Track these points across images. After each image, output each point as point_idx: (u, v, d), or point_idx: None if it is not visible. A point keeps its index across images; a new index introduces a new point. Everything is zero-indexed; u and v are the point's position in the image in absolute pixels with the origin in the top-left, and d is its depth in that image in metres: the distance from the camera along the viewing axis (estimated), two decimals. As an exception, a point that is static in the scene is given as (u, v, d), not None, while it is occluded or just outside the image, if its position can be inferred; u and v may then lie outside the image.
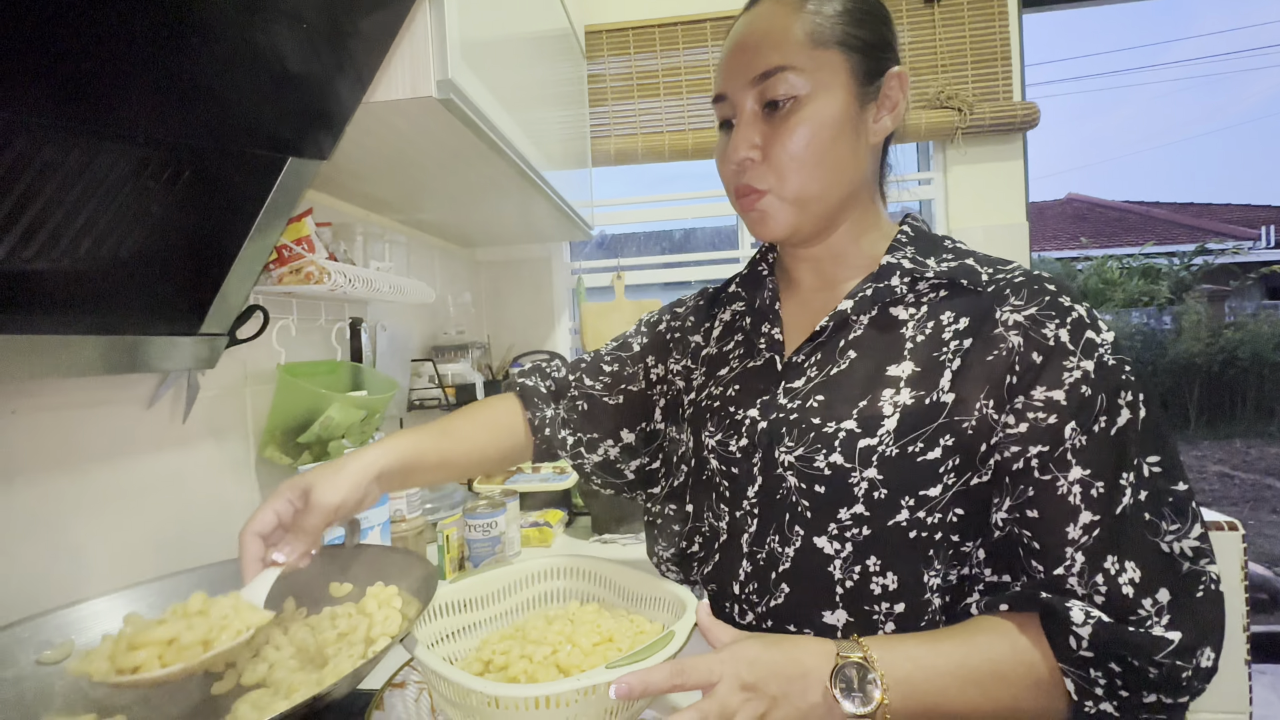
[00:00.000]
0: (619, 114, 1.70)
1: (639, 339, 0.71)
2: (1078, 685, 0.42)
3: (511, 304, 1.80)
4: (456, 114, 0.75)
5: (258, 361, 0.87)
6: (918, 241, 0.55)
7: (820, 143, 0.50)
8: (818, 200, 0.52)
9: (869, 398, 0.49)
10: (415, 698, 0.51)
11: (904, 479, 0.47)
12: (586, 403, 0.68)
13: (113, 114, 0.49)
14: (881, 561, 0.47)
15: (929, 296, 0.52)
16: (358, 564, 0.56)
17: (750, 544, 0.53)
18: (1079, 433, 0.44)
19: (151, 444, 0.70)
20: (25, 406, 0.57)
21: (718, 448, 0.56)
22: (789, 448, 0.51)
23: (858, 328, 0.53)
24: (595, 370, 0.70)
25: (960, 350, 0.48)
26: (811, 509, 0.49)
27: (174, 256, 0.62)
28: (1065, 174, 63.68)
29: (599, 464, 0.68)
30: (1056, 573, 0.43)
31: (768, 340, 0.58)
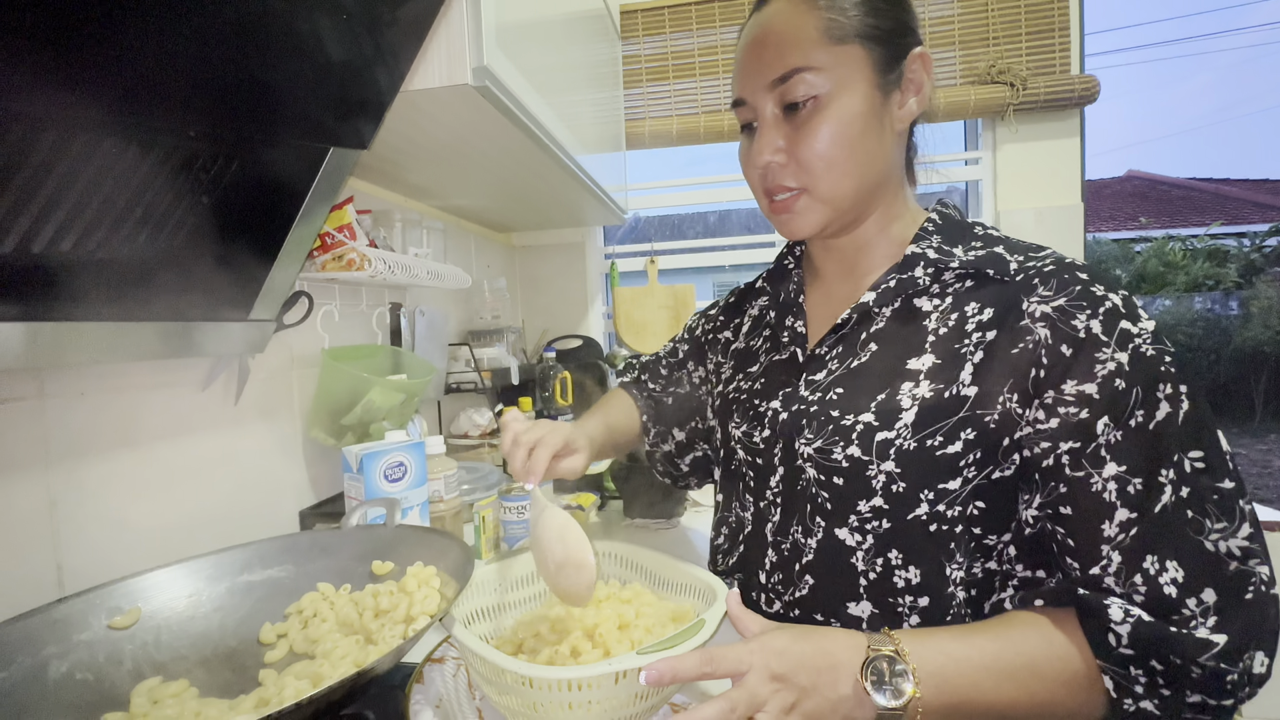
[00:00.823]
0: (653, 95, 1.67)
1: (683, 345, 0.76)
2: (1116, 683, 0.41)
3: (545, 289, 1.82)
4: (492, 101, 0.75)
5: (303, 345, 0.90)
6: (945, 229, 0.54)
7: (847, 139, 0.50)
8: (850, 196, 0.52)
9: (887, 391, 0.49)
10: (453, 673, 0.53)
11: (923, 472, 0.46)
12: (652, 400, 0.75)
13: (167, 109, 0.51)
14: (903, 555, 0.47)
15: (954, 287, 0.50)
16: (398, 544, 0.58)
17: (774, 534, 0.54)
18: (1113, 428, 0.42)
19: (207, 424, 0.74)
20: (93, 389, 0.61)
21: (743, 439, 0.57)
22: (808, 439, 0.51)
23: (880, 320, 0.53)
24: (655, 373, 0.77)
25: (983, 343, 0.47)
26: (831, 500, 0.50)
27: (225, 245, 0.64)
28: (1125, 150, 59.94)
29: (664, 455, 0.75)
30: (1093, 571, 0.42)
31: (790, 333, 0.58)
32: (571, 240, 1.80)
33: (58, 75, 0.42)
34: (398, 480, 0.83)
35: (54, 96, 0.44)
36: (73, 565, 0.58)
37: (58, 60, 0.41)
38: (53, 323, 0.52)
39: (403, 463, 0.84)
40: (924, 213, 0.56)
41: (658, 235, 2.01)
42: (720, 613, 0.48)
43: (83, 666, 0.45)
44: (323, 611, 0.52)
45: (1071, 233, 1.49)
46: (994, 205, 1.57)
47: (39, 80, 0.42)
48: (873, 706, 0.39)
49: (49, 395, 0.57)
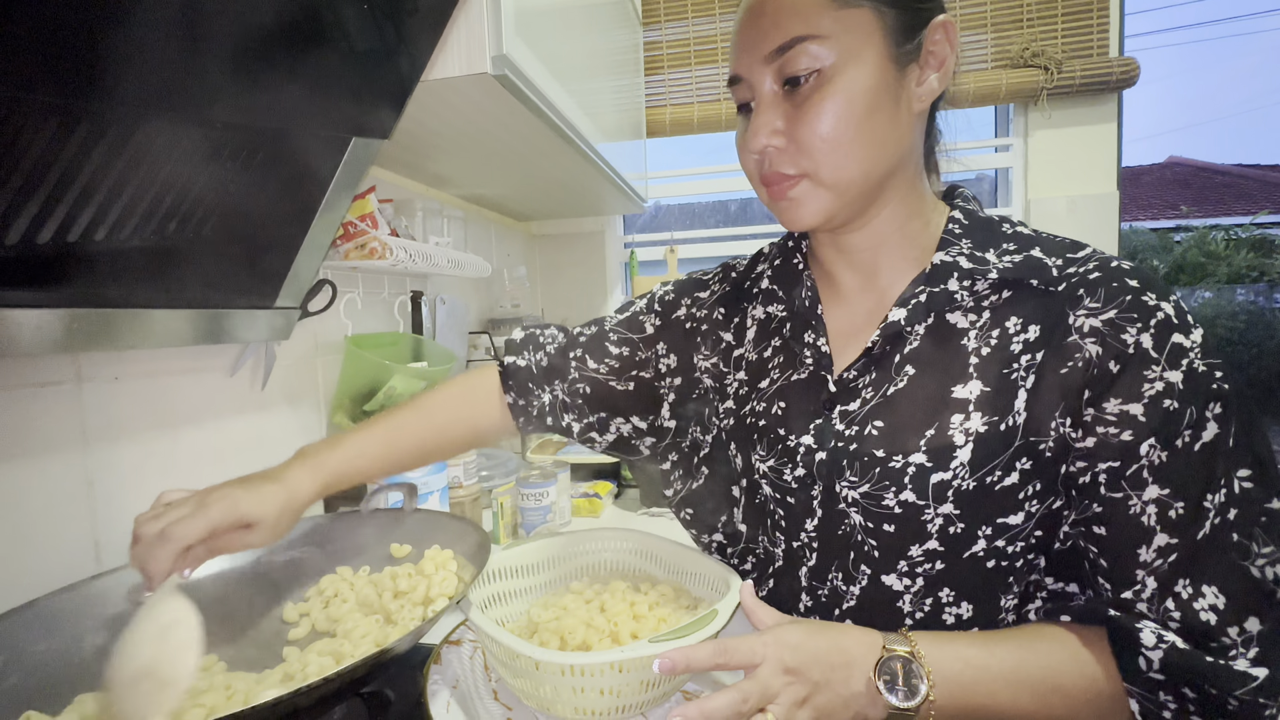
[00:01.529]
0: (675, 82, 1.66)
1: (650, 319, 0.63)
2: (1143, 706, 0.39)
3: (565, 278, 1.82)
4: (511, 90, 0.75)
5: (327, 333, 0.92)
6: (973, 231, 0.48)
7: (853, 119, 0.44)
8: (857, 182, 0.46)
9: (936, 425, 0.44)
10: (470, 655, 0.54)
11: (982, 509, 0.43)
12: (589, 386, 0.63)
13: (195, 100, 0.52)
14: (955, 593, 0.45)
15: (990, 299, 0.46)
16: (416, 528, 0.59)
17: (810, 578, 0.50)
18: (1158, 449, 0.39)
19: (234, 409, 0.76)
20: (126, 373, 0.63)
21: (770, 474, 0.52)
22: (851, 482, 0.46)
23: (913, 339, 0.47)
24: (599, 350, 0.63)
25: (1033, 365, 0.43)
26: (879, 548, 0.46)
27: (251, 234, 0.66)
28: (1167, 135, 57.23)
29: (614, 442, 0.64)
30: (1125, 595, 0.40)
31: (814, 354, 0.51)
32: (591, 229, 1.80)
33: (89, 68, 0.44)
34: (418, 466, 0.85)
35: (86, 89, 0.45)
36: (109, 542, 0.61)
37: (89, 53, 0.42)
38: (88, 309, 0.54)
39: (423, 449, 0.85)
40: (945, 209, 0.51)
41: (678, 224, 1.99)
42: (733, 603, 0.48)
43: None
44: (343, 592, 0.53)
45: (1105, 222, 1.45)
46: (1024, 194, 1.52)
47: (72, 73, 0.43)
48: (884, 706, 0.39)
49: (85, 379, 0.59)
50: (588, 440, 0.65)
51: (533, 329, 0.67)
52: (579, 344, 0.64)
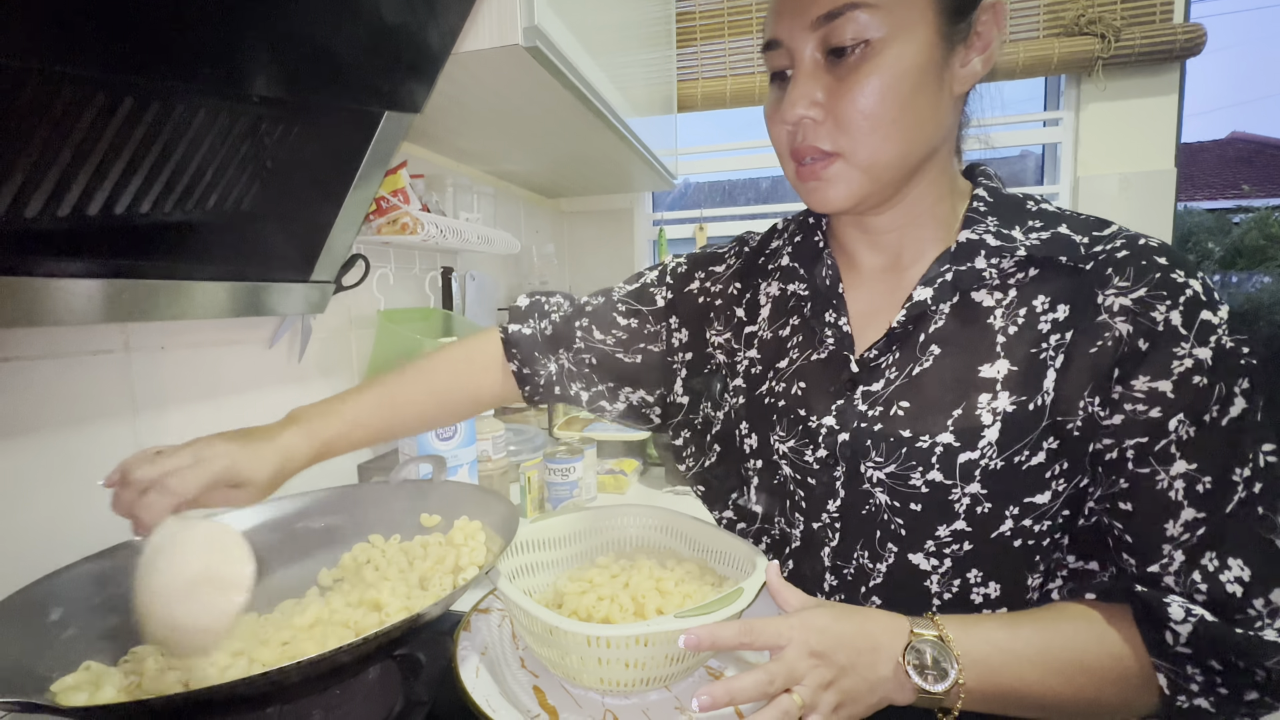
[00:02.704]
0: (708, 54, 1.62)
1: (662, 291, 0.62)
2: (1171, 681, 0.39)
3: (593, 255, 1.82)
4: (542, 62, 0.74)
5: (360, 307, 0.93)
6: (998, 208, 0.47)
7: (898, 97, 0.42)
8: (894, 166, 0.44)
9: (963, 405, 0.44)
10: (498, 623, 0.55)
11: (1009, 489, 0.43)
12: (595, 357, 0.61)
13: (232, 74, 0.53)
14: (983, 573, 0.45)
15: (1016, 277, 0.45)
16: (445, 499, 0.60)
17: (834, 558, 0.50)
18: (1187, 424, 0.39)
19: (273, 380, 0.78)
20: (171, 344, 0.65)
21: (791, 455, 0.51)
22: (877, 463, 0.46)
23: (938, 318, 0.47)
24: (606, 321, 0.61)
25: (1063, 345, 0.43)
26: (906, 527, 0.46)
27: (287, 208, 0.67)
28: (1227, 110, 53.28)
29: (624, 411, 0.63)
30: (1151, 569, 0.40)
31: (835, 333, 0.50)
32: (620, 206, 1.78)
33: (132, 42, 0.44)
34: (448, 439, 0.87)
35: (129, 63, 0.46)
36: (157, 505, 0.63)
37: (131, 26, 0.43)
38: (134, 280, 0.56)
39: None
40: (968, 188, 0.50)
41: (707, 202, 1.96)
42: (758, 583, 0.48)
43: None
44: (375, 559, 0.55)
45: (1160, 201, 1.37)
46: (1073, 171, 1.45)
47: (115, 46, 0.44)
48: (913, 690, 0.39)
49: (133, 349, 0.61)
50: (597, 409, 0.64)
51: (538, 296, 0.66)
52: (585, 313, 0.63)
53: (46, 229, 0.49)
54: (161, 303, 0.58)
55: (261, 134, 0.60)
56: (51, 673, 0.38)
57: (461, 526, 0.54)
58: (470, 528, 0.54)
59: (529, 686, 0.48)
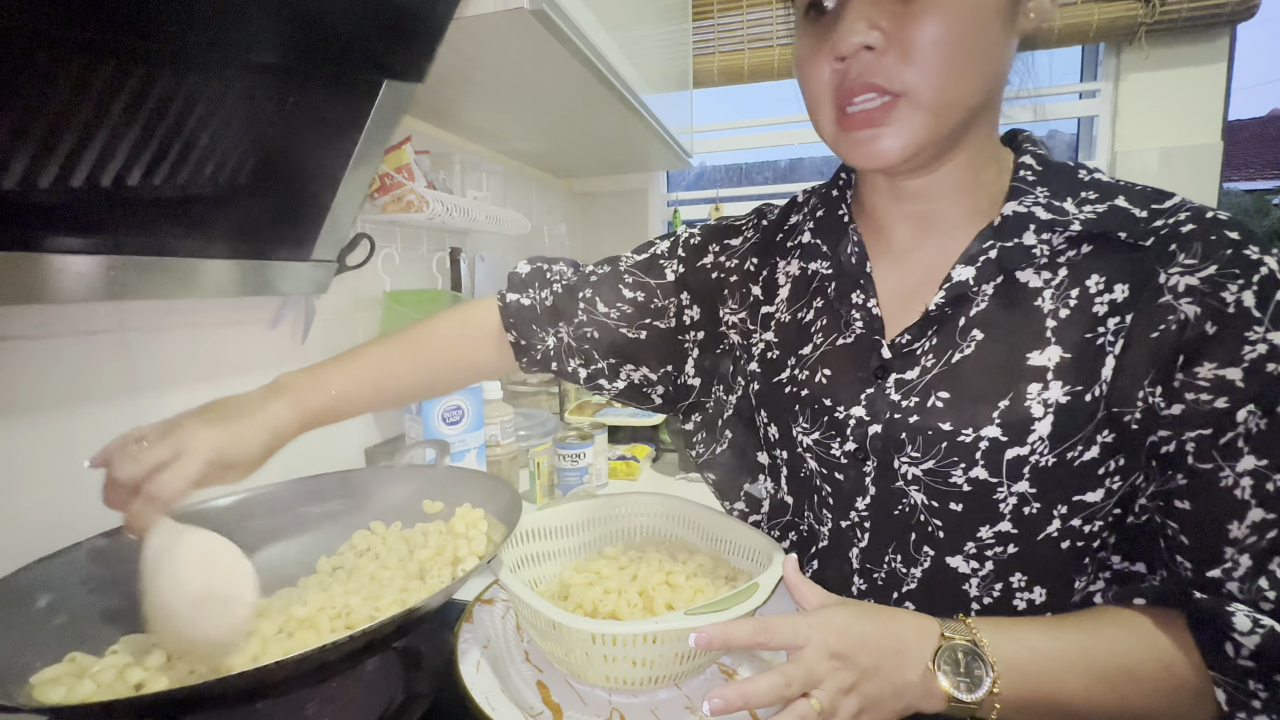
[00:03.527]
0: (725, 28, 1.56)
1: (673, 264, 0.57)
2: (1230, 695, 0.36)
3: (606, 236, 1.78)
4: (549, 28, 0.70)
5: (366, 288, 0.91)
6: (1048, 178, 0.42)
7: (974, 27, 0.36)
8: (960, 109, 0.39)
9: (1011, 396, 0.40)
10: (502, 615, 0.53)
11: (1058, 486, 0.40)
12: (597, 330, 0.57)
13: (222, 37, 0.50)
14: (1028, 577, 0.42)
15: (1068, 255, 0.41)
16: (448, 485, 0.58)
17: (863, 560, 0.47)
18: (1258, 416, 0.35)
19: (276, 362, 0.77)
20: (170, 324, 0.63)
21: (816, 448, 0.48)
22: (913, 458, 0.42)
23: (981, 300, 0.42)
24: (611, 293, 0.57)
25: (1122, 329, 0.38)
26: (945, 529, 0.43)
27: (284, 183, 0.64)
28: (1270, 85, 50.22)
29: (624, 389, 0.59)
30: (1211, 574, 0.36)
31: (863, 315, 0.46)
32: (634, 186, 1.74)
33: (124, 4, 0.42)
34: (455, 423, 0.85)
35: (128, 26, 0.43)
36: (158, 488, 0.62)
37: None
38: (129, 256, 0.54)
39: (460, 406, 0.85)
40: (1008, 153, 0.45)
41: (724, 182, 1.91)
42: (775, 577, 0.45)
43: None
44: (375, 547, 0.53)
45: (1205, 178, 1.30)
46: (1110, 146, 1.38)
47: (111, 9, 0.41)
48: (942, 698, 0.36)
49: (131, 329, 0.60)
50: (595, 386, 0.60)
51: (540, 264, 0.62)
52: (589, 283, 0.58)
53: (38, 202, 0.47)
54: (157, 280, 0.56)
55: (256, 104, 0.57)
56: (35, 664, 0.37)
57: (463, 515, 0.52)
58: (472, 516, 0.52)
59: (533, 682, 0.46)
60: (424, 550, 0.49)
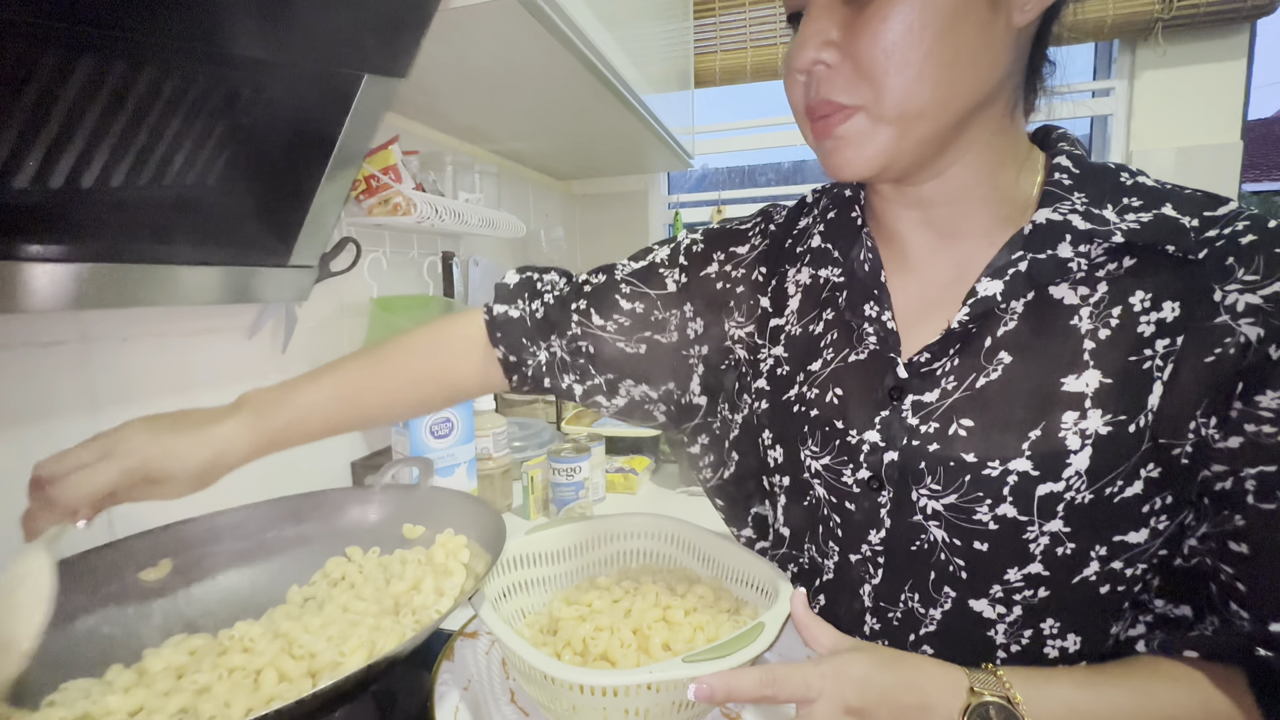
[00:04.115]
0: (727, 25, 1.52)
1: (674, 273, 0.52)
2: None
3: (605, 239, 1.74)
4: (542, 20, 0.67)
5: (352, 294, 0.87)
6: (1086, 182, 0.38)
7: (929, 29, 0.33)
8: (930, 116, 0.35)
9: (1043, 426, 0.36)
10: (486, 650, 0.49)
11: (1096, 525, 0.36)
12: (592, 345, 0.52)
13: (196, 28, 0.46)
14: (1060, 624, 0.38)
15: (1108, 268, 0.36)
16: (430, 507, 0.54)
17: (876, 599, 0.43)
18: None
19: (254, 373, 0.73)
20: (136, 334, 0.59)
21: (825, 474, 0.44)
22: (934, 491, 0.38)
23: (1010, 319, 0.38)
24: (607, 304, 0.52)
25: (1172, 352, 0.34)
26: (968, 569, 0.38)
27: (260, 183, 0.60)
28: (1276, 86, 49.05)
29: (624, 406, 0.54)
30: (1275, 628, 0.32)
31: (877, 329, 0.42)
32: (634, 188, 1.70)
33: None
34: (444, 436, 0.81)
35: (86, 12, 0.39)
36: (123, 510, 0.58)
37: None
38: (93, 264, 0.50)
39: (449, 419, 0.81)
40: (1040, 156, 0.41)
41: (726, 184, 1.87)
42: (782, 615, 0.41)
43: (111, 620, 0.43)
44: (351, 575, 0.49)
45: (1224, 179, 1.25)
46: (1125, 145, 1.34)
47: None
48: None
49: (92, 339, 0.56)
50: (593, 404, 0.55)
51: (529, 273, 0.56)
52: (583, 294, 0.53)
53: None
54: (126, 288, 0.52)
55: (228, 98, 0.53)
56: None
57: (444, 542, 0.48)
58: (454, 544, 0.48)
59: (517, 730, 0.41)
60: (400, 583, 0.45)
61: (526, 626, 0.51)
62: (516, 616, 0.53)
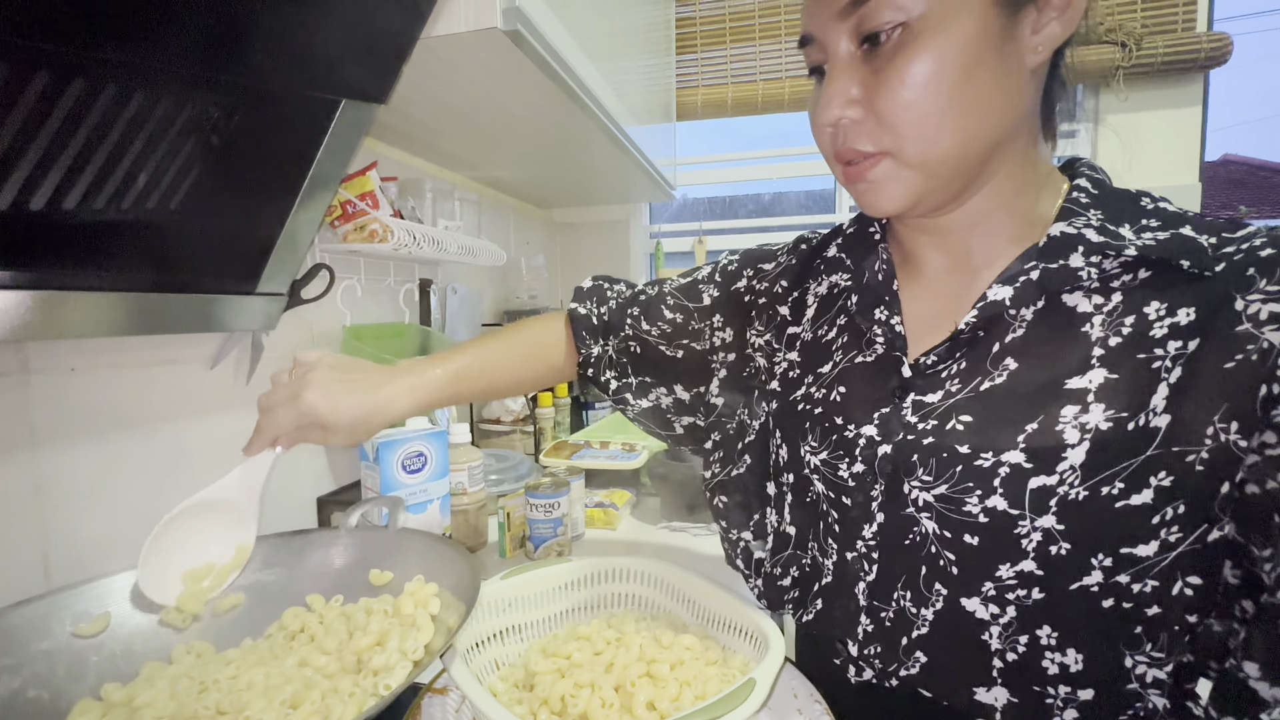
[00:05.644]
0: (708, 61, 1.55)
1: (710, 289, 0.59)
2: None
3: (586, 268, 1.73)
4: (525, 50, 0.66)
5: (324, 322, 0.84)
6: (1104, 202, 0.39)
7: (946, 82, 0.35)
8: (952, 160, 0.38)
9: (1041, 418, 0.36)
10: (456, 708, 0.46)
11: (1097, 531, 0.35)
12: (639, 346, 0.60)
13: (163, 45, 0.44)
14: (1058, 635, 0.36)
15: (1123, 280, 0.37)
16: (400, 551, 0.51)
17: (870, 597, 0.42)
18: None
19: (215, 405, 0.69)
20: (85, 365, 0.56)
21: (823, 469, 0.45)
22: (924, 482, 0.39)
23: (1018, 326, 0.39)
24: (654, 313, 0.60)
25: (1183, 355, 0.34)
26: (959, 563, 0.38)
27: (227, 209, 0.58)
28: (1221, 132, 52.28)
29: (648, 410, 0.61)
30: None
31: (885, 332, 0.44)
32: (615, 217, 1.71)
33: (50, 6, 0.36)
34: (417, 471, 0.77)
35: (46, 29, 0.37)
36: (62, 556, 0.54)
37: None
38: (36, 291, 0.47)
39: (422, 452, 0.77)
40: (1063, 180, 0.43)
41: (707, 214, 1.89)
42: (774, 669, 0.39)
43: (38, 682, 0.39)
44: (310, 626, 0.45)
45: (1185, 217, 1.30)
46: (1091, 185, 1.38)
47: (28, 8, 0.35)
48: None
49: (34, 371, 0.52)
50: (621, 400, 0.62)
51: (601, 281, 0.67)
52: (637, 302, 0.62)
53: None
54: (72, 317, 0.49)
55: (195, 120, 0.51)
56: None
57: (413, 591, 0.45)
58: (424, 593, 0.44)
59: (488, 801, 0.38)
60: (364, 637, 0.42)
61: (501, 680, 0.48)
62: (490, 669, 0.49)
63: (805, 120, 0.44)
